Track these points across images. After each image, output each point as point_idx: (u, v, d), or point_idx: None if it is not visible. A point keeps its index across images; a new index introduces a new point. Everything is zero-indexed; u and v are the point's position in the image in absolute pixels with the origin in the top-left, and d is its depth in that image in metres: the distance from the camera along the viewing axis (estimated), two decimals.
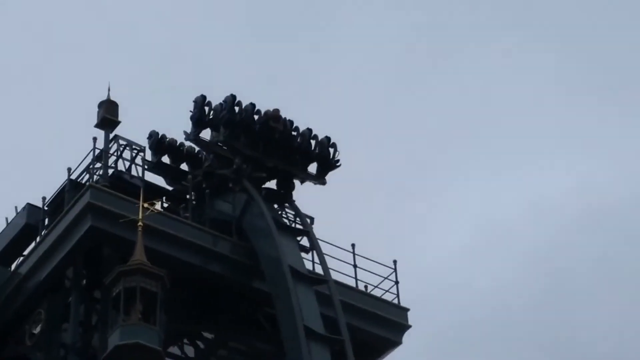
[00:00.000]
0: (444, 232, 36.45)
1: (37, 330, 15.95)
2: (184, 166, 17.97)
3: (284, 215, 16.86)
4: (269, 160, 16.61)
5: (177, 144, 17.05)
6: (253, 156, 16.33)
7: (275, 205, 16.93)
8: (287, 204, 16.89)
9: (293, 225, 16.84)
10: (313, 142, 17.14)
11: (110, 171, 16.67)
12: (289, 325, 14.58)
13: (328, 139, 17.15)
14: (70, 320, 15.58)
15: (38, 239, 16.97)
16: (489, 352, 33.62)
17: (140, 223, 14.83)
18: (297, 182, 17.58)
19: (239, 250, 16.31)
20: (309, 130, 17.01)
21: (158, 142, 16.69)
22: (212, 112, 16.54)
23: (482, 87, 40.24)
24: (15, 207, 17.89)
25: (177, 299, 15.36)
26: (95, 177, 16.58)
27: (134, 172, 17.04)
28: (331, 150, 17.17)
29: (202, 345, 17.09)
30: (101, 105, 17.08)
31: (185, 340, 17.02)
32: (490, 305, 33.86)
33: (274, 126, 16.43)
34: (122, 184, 16.53)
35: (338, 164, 17.20)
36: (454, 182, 37.42)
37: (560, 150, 39.06)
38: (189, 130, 17.44)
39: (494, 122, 39.28)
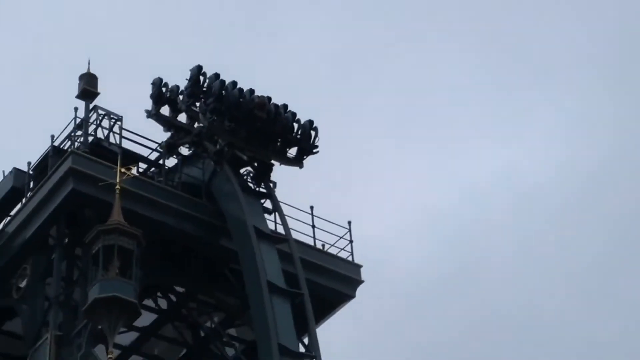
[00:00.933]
0: (384, 208, 36.95)
1: (23, 284, 16.20)
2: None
3: (249, 180, 17.09)
4: (249, 148, 16.66)
5: (179, 91, 16.91)
6: (235, 143, 16.42)
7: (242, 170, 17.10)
8: (263, 184, 17.05)
9: (257, 189, 17.03)
10: (295, 125, 16.93)
11: (90, 139, 16.81)
12: (253, 280, 14.93)
13: (310, 122, 16.98)
14: (53, 275, 15.85)
15: (24, 200, 17.19)
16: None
17: (117, 186, 15.04)
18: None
19: (208, 212, 16.54)
20: (293, 114, 16.80)
21: (159, 95, 16.63)
22: (206, 82, 16.48)
23: (415, 77, 40.85)
24: (3, 172, 18.01)
25: (151, 255, 15.58)
26: (76, 144, 16.77)
27: (112, 140, 17.16)
28: (312, 133, 16.94)
29: (174, 298, 17.45)
30: (82, 77, 17.20)
31: (158, 294, 17.34)
32: (421, 279, 35.18)
33: (259, 114, 16.32)
34: (101, 150, 16.63)
35: (316, 150, 17.05)
36: (393, 165, 38.33)
37: (488, 138, 40.10)
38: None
39: (431, 110, 40.20)
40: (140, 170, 17.42)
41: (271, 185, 16.85)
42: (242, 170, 16.99)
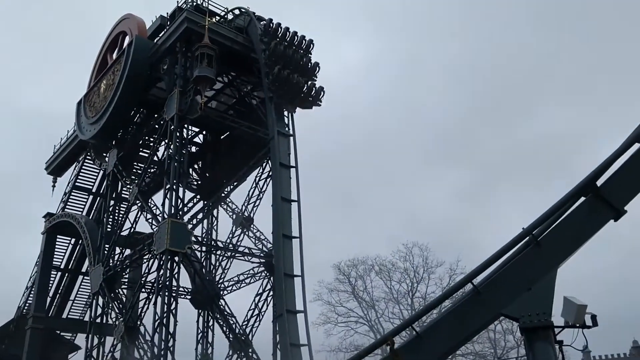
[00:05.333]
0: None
1: (165, 67, 23.74)
2: None
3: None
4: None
5: None
6: None
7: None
8: None
9: None
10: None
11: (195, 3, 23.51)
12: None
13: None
14: (178, 64, 23.07)
15: (165, 30, 24.38)
16: None
17: (206, 25, 22.31)
18: None
19: (249, 41, 23.52)
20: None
21: None
22: None
23: None
24: (155, 16, 25.26)
25: (221, 58, 22.52)
26: (188, 4, 23.42)
27: (204, 4, 23.56)
28: None
29: (230, 77, 24.78)
30: None
31: (224, 76, 24.71)
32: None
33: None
34: (199, 9, 23.16)
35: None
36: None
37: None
38: None
39: None
40: (217, 18, 24.00)
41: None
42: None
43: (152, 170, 25.70)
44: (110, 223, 25.82)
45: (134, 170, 26.98)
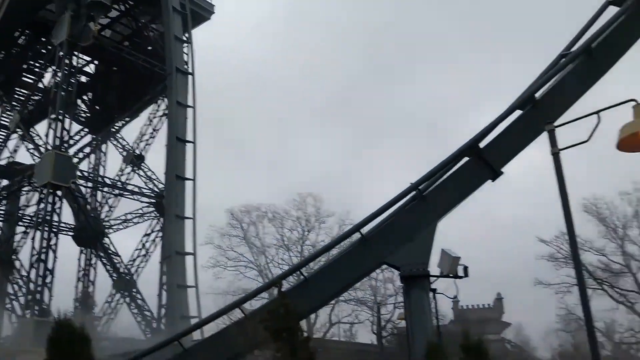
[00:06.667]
0: None
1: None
2: None
3: None
4: None
5: None
6: None
7: None
8: None
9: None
10: None
11: None
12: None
13: None
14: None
15: None
16: None
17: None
18: None
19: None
20: None
21: None
22: None
23: None
24: None
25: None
26: None
27: None
28: None
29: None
30: None
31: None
32: None
33: None
34: None
35: None
36: None
37: None
38: None
39: None
40: None
41: None
42: None
43: (37, 97, 24.62)
44: None
45: (16, 96, 25.61)
